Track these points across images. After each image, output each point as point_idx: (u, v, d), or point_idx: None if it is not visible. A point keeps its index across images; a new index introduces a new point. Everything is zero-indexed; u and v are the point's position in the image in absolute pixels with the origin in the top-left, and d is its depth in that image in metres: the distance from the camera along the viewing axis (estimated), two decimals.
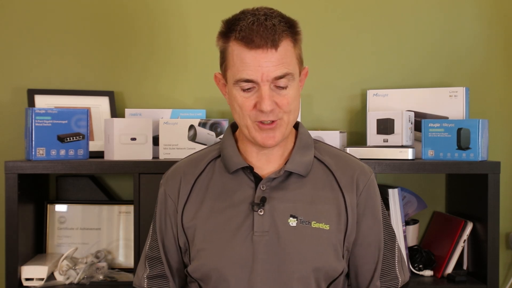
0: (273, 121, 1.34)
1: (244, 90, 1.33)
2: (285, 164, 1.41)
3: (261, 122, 1.34)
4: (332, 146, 1.51)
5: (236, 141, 1.45)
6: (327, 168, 1.43)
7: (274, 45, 1.29)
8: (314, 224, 1.37)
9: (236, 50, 1.32)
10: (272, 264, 1.35)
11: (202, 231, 1.40)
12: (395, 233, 1.50)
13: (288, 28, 1.32)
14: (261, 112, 1.32)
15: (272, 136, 1.35)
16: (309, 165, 1.41)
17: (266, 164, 1.42)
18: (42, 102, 2.12)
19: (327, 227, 1.37)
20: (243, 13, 1.33)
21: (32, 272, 1.91)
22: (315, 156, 1.44)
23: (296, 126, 1.47)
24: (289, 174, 1.40)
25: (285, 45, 1.31)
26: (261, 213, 1.36)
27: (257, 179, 1.40)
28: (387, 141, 2.04)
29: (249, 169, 1.41)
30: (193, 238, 1.41)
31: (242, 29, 1.30)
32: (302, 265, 1.35)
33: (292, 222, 1.37)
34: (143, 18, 2.23)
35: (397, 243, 1.49)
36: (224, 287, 1.36)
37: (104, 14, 2.23)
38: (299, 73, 1.37)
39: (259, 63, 1.29)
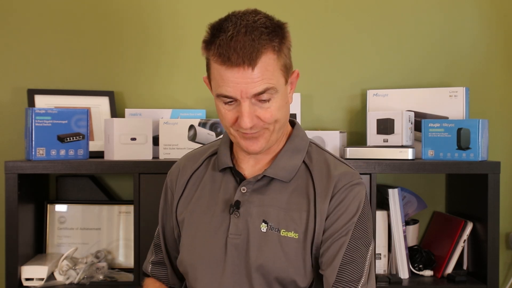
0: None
1: (226, 103, 1.30)
2: (267, 168, 1.37)
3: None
4: (328, 152, 1.44)
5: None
6: (310, 174, 1.37)
7: (251, 64, 1.23)
8: (283, 233, 1.33)
9: (215, 65, 1.27)
10: (241, 268, 1.34)
11: (187, 226, 1.41)
12: (369, 248, 1.37)
13: (270, 39, 1.25)
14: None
15: (255, 143, 1.32)
16: (293, 171, 1.37)
17: (253, 166, 1.40)
18: (42, 102, 2.12)
19: (296, 236, 1.33)
20: (227, 20, 1.28)
21: (32, 272, 1.91)
22: (304, 161, 1.39)
23: (294, 126, 1.44)
24: (272, 178, 1.37)
25: (266, 59, 1.25)
26: (237, 216, 1.35)
27: (242, 180, 1.38)
28: (387, 141, 2.04)
29: (234, 170, 1.40)
30: (182, 231, 1.43)
31: (220, 45, 1.25)
32: (264, 273, 1.32)
33: (263, 227, 1.34)
34: (143, 18, 2.23)
35: (369, 259, 1.37)
36: (196, 285, 1.37)
37: (104, 13, 2.22)
38: (285, 82, 1.32)
39: (237, 80, 1.24)
